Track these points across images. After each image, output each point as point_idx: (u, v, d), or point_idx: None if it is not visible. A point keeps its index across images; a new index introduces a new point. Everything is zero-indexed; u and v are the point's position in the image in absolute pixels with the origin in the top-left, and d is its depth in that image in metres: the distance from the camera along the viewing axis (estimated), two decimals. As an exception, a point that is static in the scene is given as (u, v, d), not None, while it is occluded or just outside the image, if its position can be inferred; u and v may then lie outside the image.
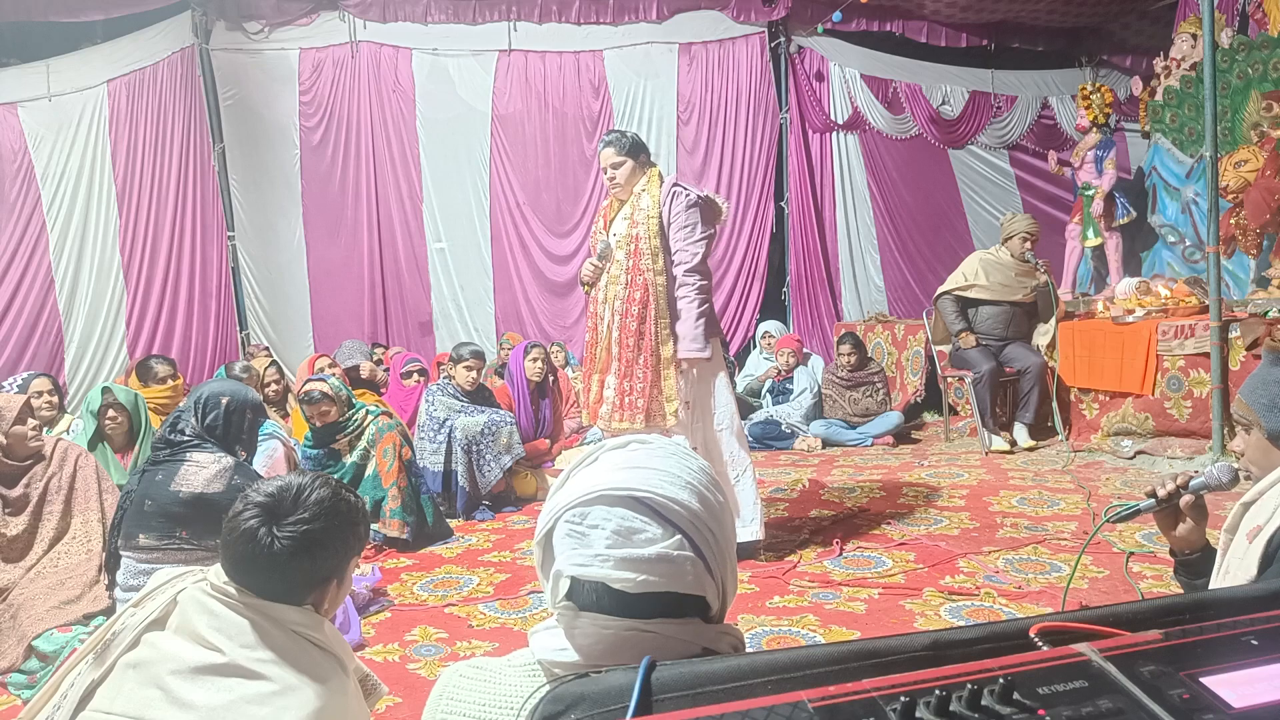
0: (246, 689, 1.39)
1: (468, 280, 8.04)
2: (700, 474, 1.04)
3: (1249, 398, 1.63)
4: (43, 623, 2.69)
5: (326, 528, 1.50)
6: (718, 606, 1.01)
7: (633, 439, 1.09)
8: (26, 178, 7.05)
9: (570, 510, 0.99)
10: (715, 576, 0.99)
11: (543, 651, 0.99)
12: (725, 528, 1.02)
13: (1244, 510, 1.53)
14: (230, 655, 1.41)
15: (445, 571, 3.68)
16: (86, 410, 3.65)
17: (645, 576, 0.94)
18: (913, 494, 4.60)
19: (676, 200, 3.51)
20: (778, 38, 8.40)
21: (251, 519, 1.48)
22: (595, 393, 3.63)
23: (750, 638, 2.81)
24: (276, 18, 7.55)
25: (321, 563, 1.51)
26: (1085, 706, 0.62)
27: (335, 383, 4.25)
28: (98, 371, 7.16)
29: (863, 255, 8.70)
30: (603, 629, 0.95)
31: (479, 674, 1.04)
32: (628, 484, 0.98)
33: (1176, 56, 6.66)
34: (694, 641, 0.95)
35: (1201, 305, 5.08)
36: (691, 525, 0.98)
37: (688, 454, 1.07)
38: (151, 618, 1.47)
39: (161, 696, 1.39)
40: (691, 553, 0.97)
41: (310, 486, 1.53)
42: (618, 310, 3.51)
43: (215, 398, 2.69)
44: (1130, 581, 3.06)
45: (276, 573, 1.47)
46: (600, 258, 3.60)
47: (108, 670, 1.45)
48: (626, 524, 0.96)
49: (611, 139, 3.62)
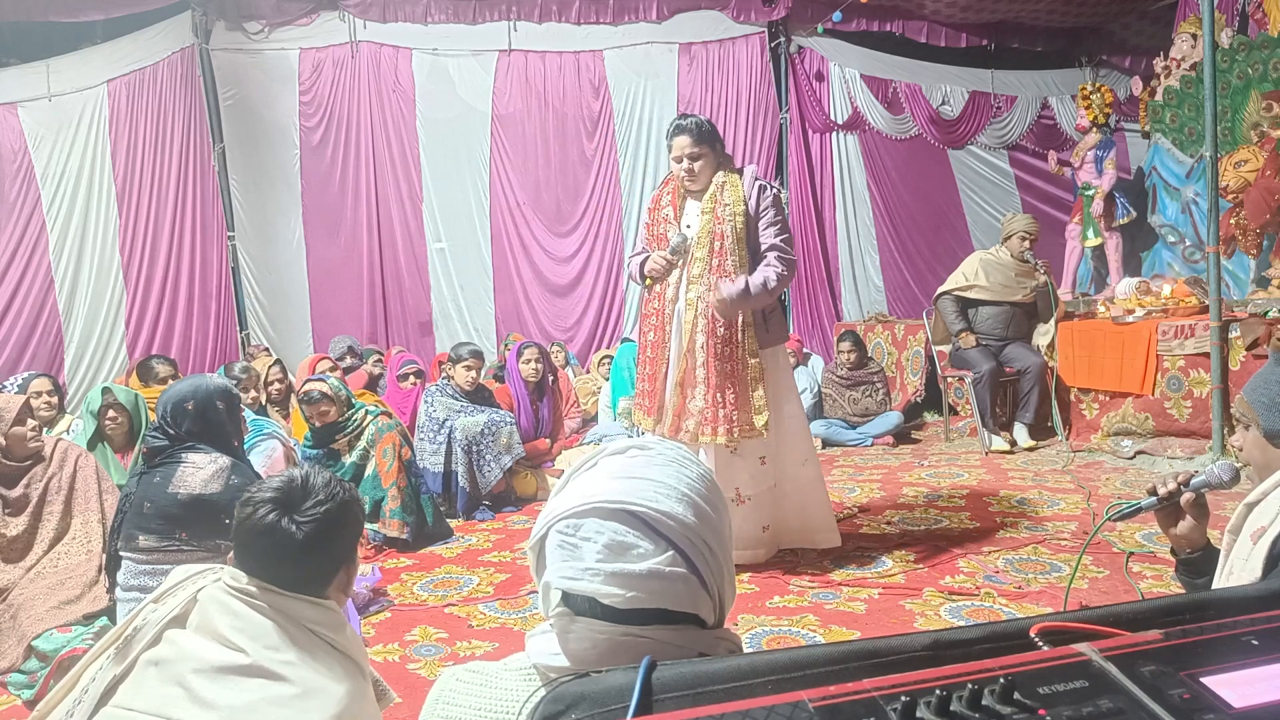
0: (268, 691, 1.40)
1: (468, 280, 8.03)
2: (699, 483, 1.02)
3: (1250, 396, 1.63)
4: (42, 623, 2.69)
5: (340, 506, 1.55)
6: (713, 620, 1.00)
7: (632, 444, 1.07)
8: (26, 178, 7.05)
9: (564, 520, 0.98)
10: (711, 591, 0.98)
11: (538, 656, 0.98)
12: (722, 539, 1.01)
13: (1247, 511, 1.53)
14: (254, 656, 1.42)
15: (445, 571, 3.68)
16: (86, 410, 3.64)
17: (635, 593, 0.93)
18: (913, 494, 4.60)
19: (764, 194, 3.34)
20: (778, 38, 8.40)
21: (268, 514, 1.50)
22: (678, 404, 3.37)
23: (750, 638, 2.81)
24: (276, 18, 7.55)
25: (341, 543, 1.56)
26: (1085, 706, 0.62)
27: (335, 383, 4.25)
28: (97, 371, 7.16)
29: (862, 255, 8.71)
30: (597, 634, 0.95)
31: (475, 678, 1.03)
32: (623, 496, 0.97)
33: (1176, 56, 6.66)
34: (690, 647, 0.94)
35: (1201, 305, 5.08)
36: (686, 540, 0.96)
37: (687, 461, 1.05)
38: (173, 614, 1.48)
39: (183, 695, 1.39)
40: (685, 568, 0.95)
41: (313, 474, 1.58)
42: (703, 313, 3.31)
43: (180, 405, 2.59)
44: (1130, 581, 3.06)
45: (306, 560, 1.50)
46: (674, 252, 3.31)
47: (129, 666, 1.45)
48: (619, 539, 0.95)
49: (687, 125, 3.33)
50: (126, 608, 2.45)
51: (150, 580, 2.41)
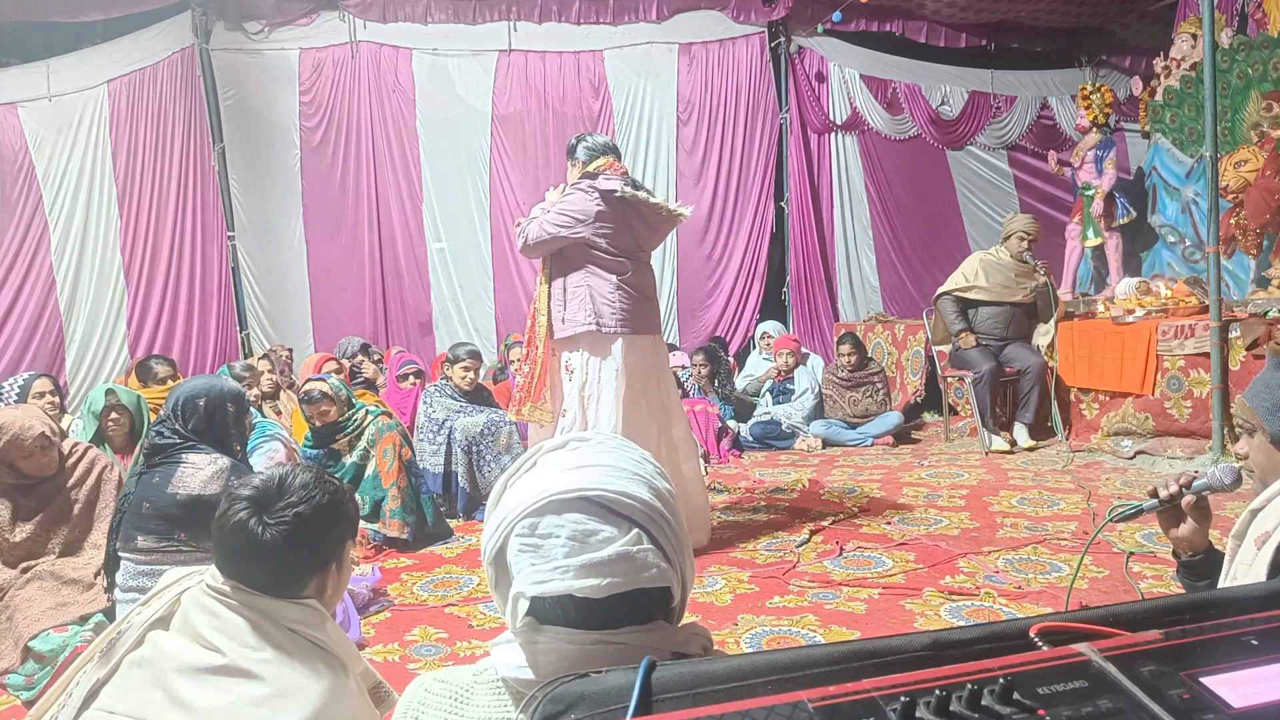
0: (246, 690, 1.39)
1: (468, 280, 8.03)
2: (644, 463, 1.02)
3: (1252, 401, 1.62)
4: (39, 623, 2.68)
5: (316, 510, 1.51)
6: (679, 596, 0.99)
7: (570, 438, 1.05)
8: (28, 178, 7.04)
9: (520, 522, 0.96)
10: (675, 566, 0.97)
11: (506, 669, 0.96)
12: (677, 515, 1.00)
13: (1252, 516, 1.52)
14: (230, 656, 1.41)
15: (445, 571, 3.68)
16: (88, 411, 3.62)
17: (609, 579, 0.91)
18: (913, 494, 4.60)
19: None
20: (778, 38, 8.40)
21: (240, 512, 1.48)
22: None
23: (750, 638, 2.81)
24: (276, 18, 7.55)
25: (316, 547, 1.52)
26: (1085, 706, 0.62)
27: (335, 383, 4.25)
28: (98, 372, 7.15)
29: (858, 256, 8.71)
30: (565, 645, 0.92)
31: (445, 689, 1.01)
32: (574, 485, 0.95)
33: (1176, 56, 6.66)
34: (663, 648, 0.93)
35: (1201, 305, 5.08)
36: (646, 517, 0.96)
37: (629, 446, 1.05)
38: (156, 616, 1.48)
39: (163, 697, 1.39)
40: (650, 545, 0.94)
41: (293, 474, 1.54)
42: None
43: (191, 401, 2.63)
44: (1130, 581, 3.06)
45: (273, 563, 1.47)
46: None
47: (113, 669, 1.45)
48: (580, 527, 0.93)
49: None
50: (125, 608, 2.44)
51: (149, 581, 2.40)
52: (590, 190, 3.66)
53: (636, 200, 3.67)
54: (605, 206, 3.64)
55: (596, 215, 3.64)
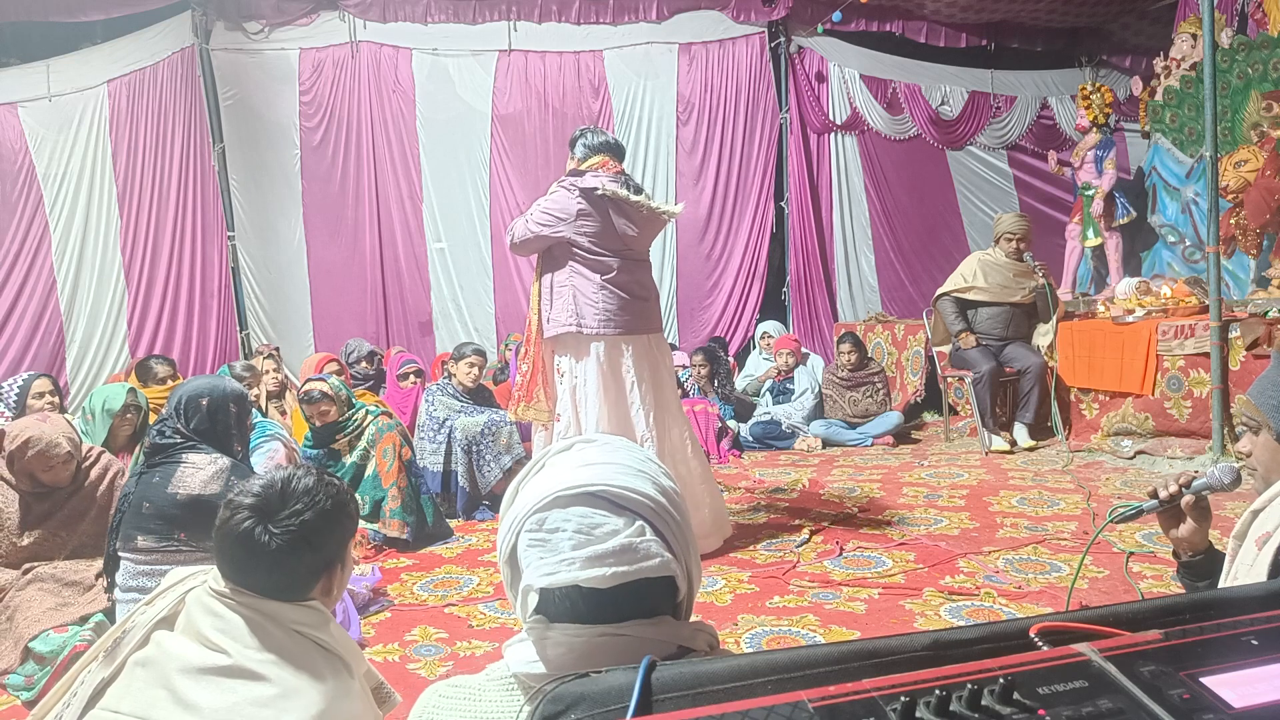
0: (250, 691, 1.39)
1: (468, 280, 8.03)
2: (650, 461, 1.05)
3: (1258, 399, 1.61)
4: (39, 624, 2.68)
5: (319, 515, 1.51)
6: (685, 590, 1.01)
7: (576, 440, 1.09)
8: (28, 178, 7.04)
9: (529, 518, 0.99)
10: (680, 559, 0.99)
11: (518, 665, 0.98)
12: (682, 511, 1.03)
13: (1253, 517, 1.52)
14: (235, 657, 1.41)
15: (445, 571, 3.68)
16: (104, 410, 3.58)
17: (615, 569, 0.93)
18: (913, 494, 4.60)
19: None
20: (778, 38, 8.39)
21: (244, 521, 1.48)
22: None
23: (750, 638, 2.81)
24: (276, 18, 7.55)
25: (321, 550, 1.52)
26: (1085, 706, 0.62)
27: (335, 383, 4.25)
28: (99, 372, 7.15)
29: (857, 256, 8.71)
30: (574, 638, 0.95)
31: (459, 693, 1.03)
32: (580, 481, 0.99)
33: (1176, 56, 6.66)
34: (669, 641, 0.95)
35: (1201, 305, 5.08)
36: (651, 511, 0.98)
37: (633, 446, 1.08)
38: (160, 615, 1.48)
39: (168, 697, 1.39)
40: (655, 536, 0.97)
41: (294, 478, 1.53)
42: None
43: (194, 400, 2.63)
44: (1130, 581, 3.06)
45: (280, 569, 1.47)
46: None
47: (118, 668, 1.45)
48: (586, 520, 0.96)
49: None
50: (125, 608, 2.44)
51: (149, 581, 2.40)
52: (572, 188, 3.64)
53: (618, 198, 3.61)
54: (587, 204, 3.61)
55: (578, 214, 3.61)
